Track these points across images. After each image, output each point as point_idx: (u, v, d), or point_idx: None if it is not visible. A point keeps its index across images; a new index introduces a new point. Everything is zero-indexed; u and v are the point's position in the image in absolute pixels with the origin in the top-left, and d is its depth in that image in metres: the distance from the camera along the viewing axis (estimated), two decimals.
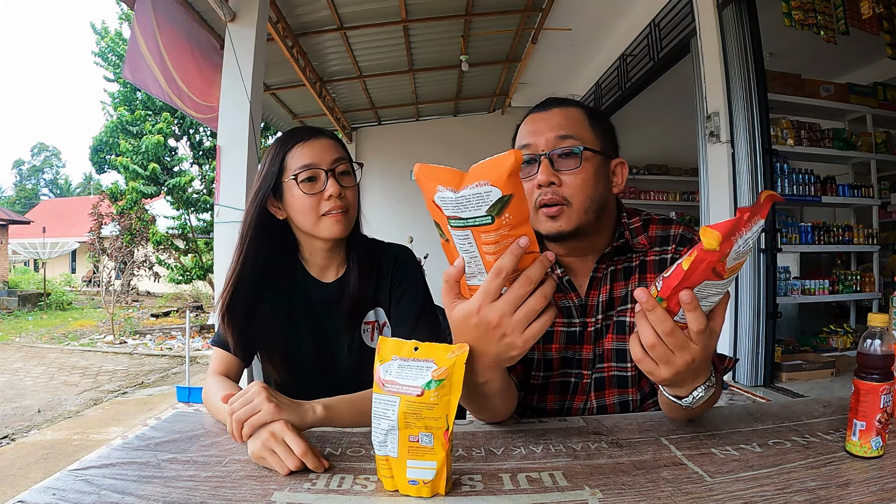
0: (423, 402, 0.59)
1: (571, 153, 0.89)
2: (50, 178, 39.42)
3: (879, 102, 4.26)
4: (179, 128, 10.44)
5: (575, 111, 0.94)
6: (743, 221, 0.54)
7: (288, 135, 1.04)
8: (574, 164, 0.89)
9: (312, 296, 1.08)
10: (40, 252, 15.45)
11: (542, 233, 0.91)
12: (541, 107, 0.96)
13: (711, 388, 0.69)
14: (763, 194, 0.56)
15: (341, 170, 1.01)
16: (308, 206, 0.99)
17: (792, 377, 3.43)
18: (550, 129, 0.91)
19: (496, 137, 7.61)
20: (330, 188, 0.98)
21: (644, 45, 4.80)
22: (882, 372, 0.64)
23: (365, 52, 5.23)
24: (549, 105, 0.95)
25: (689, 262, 0.56)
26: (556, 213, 0.88)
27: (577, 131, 0.90)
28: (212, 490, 0.61)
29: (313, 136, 1.02)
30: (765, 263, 3.41)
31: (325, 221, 0.99)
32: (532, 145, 0.91)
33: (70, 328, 9.17)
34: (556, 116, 0.92)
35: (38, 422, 3.86)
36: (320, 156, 0.99)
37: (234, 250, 1.03)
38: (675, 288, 0.58)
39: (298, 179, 0.98)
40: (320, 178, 0.99)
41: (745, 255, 0.56)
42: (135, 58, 3.28)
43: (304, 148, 1.00)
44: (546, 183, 0.88)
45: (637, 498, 0.58)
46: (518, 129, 0.98)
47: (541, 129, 0.92)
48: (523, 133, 0.95)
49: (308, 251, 1.08)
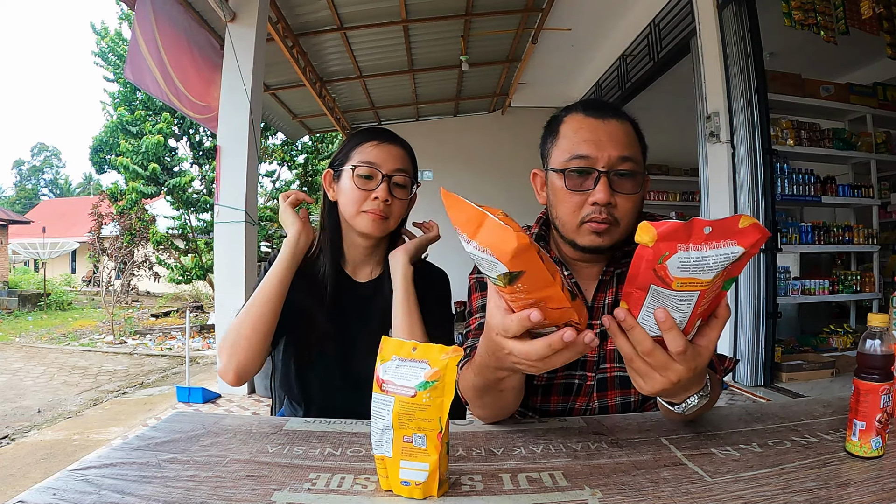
0: (415, 402, 0.59)
1: (632, 175, 0.87)
2: (50, 178, 39.44)
3: (879, 102, 4.26)
4: (180, 128, 10.44)
5: (630, 128, 0.90)
6: (698, 232, 0.49)
7: (367, 131, 1.08)
8: (632, 189, 0.87)
9: (344, 292, 1.09)
10: (40, 252, 15.45)
11: (579, 244, 0.90)
12: (595, 111, 0.90)
13: (705, 396, 0.69)
14: (743, 220, 0.50)
15: (398, 180, 1.04)
16: (354, 197, 1.02)
17: (792, 377, 3.43)
18: (614, 145, 0.86)
19: (496, 137, 7.64)
20: (380, 191, 1.01)
21: (644, 45, 4.80)
22: (882, 372, 0.64)
23: (365, 52, 5.24)
24: (606, 112, 0.89)
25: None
26: (602, 231, 0.87)
27: (634, 153, 0.88)
28: (212, 490, 0.61)
29: (388, 140, 1.05)
30: (765, 263, 3.41)
31: (363, 216, 1.02)
32: (592, 159, 0.86)
33: (70, 328, 9.17)
34: (618, 131, 0.88)
35: (38, 422, 3.86)
36: (384, 159, 1.03)
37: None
38: (625, 290, 0.57)
39: (355, 172, 1.02)
40: (376, 179, 1.02)
41: (706, 275, 0.51)
42: (135, 58, 3.28)
43: (374, 148, 1.04)
44: (604, 203, 0.85)
45: (637, 498, 0.58)
46: (560, 124, 0.92)
47: (602, 143, 0.86)
48: (580, 140, 0.88)
49: (347, 243, 1.10)
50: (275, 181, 12.42)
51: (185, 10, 3.78)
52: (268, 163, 11.78)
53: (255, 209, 3.58)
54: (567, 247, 0.94)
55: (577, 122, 0.90)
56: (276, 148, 11.63)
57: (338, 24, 4.57)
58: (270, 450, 0.74)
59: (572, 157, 0.87)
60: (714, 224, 0.49)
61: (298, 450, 0.74)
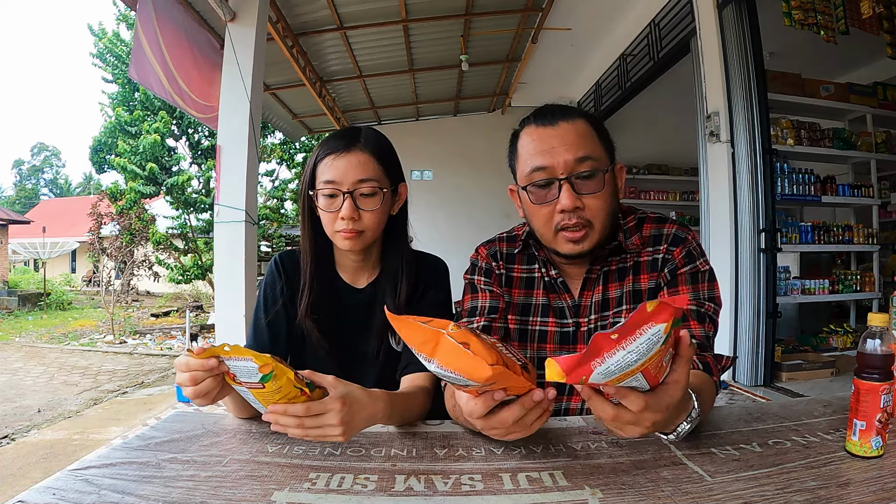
0: (269, 391, 0.66)
1: (593, 174, 0.86)
2: (50, 178, 39.43)
3: (879, 102, 4.25)
4: (178, 127, 10.44)
5: (583, 124, 0.89)
6: (604, 343, 0.51)
7: (326, 141, 1.02)
8: (596, 187, 0.87)
9: (345, 299, 1.09)
10: (40, 252, 15.46)
11: (560, 252, 0.90)
12: (543, 119, 0.90)
13: (696, 419, 0.68)
14: (649, 304, 0.50)
15: (364, 191, 0.98)
16: (326, 219, 1.01)
17: (792, 377, 3.43)
18: (567, 149, 0.86)
19: (496, 137, 7.57)
20: (343, 211, 0.97)
21: (644, 45, 4.80)
22: (882, 372, 0.64)
23: (365, 51, 5.23)
24: (554, 118, 0.89)
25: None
26: (580, 237, 0.87)
27: (592, 150, 0.87)
28: (212, 490, 0.61)
29: (348, 148, 0.99)
30: (765, 263, 3.41)
31: (337, 237, 1.00)
32: (549, 168, 0.87)
33: (70, 328, 9.17)
34: (568, 133, 0.87)
35: (38, 422, 3.86)
36: (344, 174, 0.97)
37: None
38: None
39: (320, 194, 0.99)
40: (338, 198, 0.98)
41: (637, 362, 0.52)
42: (139, 57, 3.28)
43: (333, 162, 0.98)
44: (571, 209, 0.86)
45: (637, 498, 0.58)
46: (518, 140, 0.93)
47: (556, 150, 0.87)
48: (534, 152, 0.89)
49: (339, 254, 1.10)
50: (274, 180, 12.42)
51: (186, 9, 3.77)
52: (267, 162, 11.77)
53: (255, 209, 3.58)
54: (552, 253, 0.95)
55: (529, 134, 0.91)
56: (276, 147, 11.63)
57: (338, 24, 4.56)
58: (270, 449, 0.74)
59: (532, 170, 0.88)
60: (620, 327, 0.50)
61: (298, 449, 0.74)
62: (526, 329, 0.99)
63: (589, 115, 0.93)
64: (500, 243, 1.05)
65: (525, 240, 1.01)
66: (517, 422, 0.63)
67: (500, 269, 1.02)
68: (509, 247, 1.04)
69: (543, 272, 1.00)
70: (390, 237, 1.09)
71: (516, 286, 1.02)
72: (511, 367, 0.59)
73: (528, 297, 1.01)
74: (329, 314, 1.06)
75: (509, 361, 0.59)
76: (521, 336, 0.99)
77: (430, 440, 0.77)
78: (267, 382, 0.65)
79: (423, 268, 1.11)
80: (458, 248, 0.84)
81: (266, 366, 0.65)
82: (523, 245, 1.02)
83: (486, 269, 1.03)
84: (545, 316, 0.99)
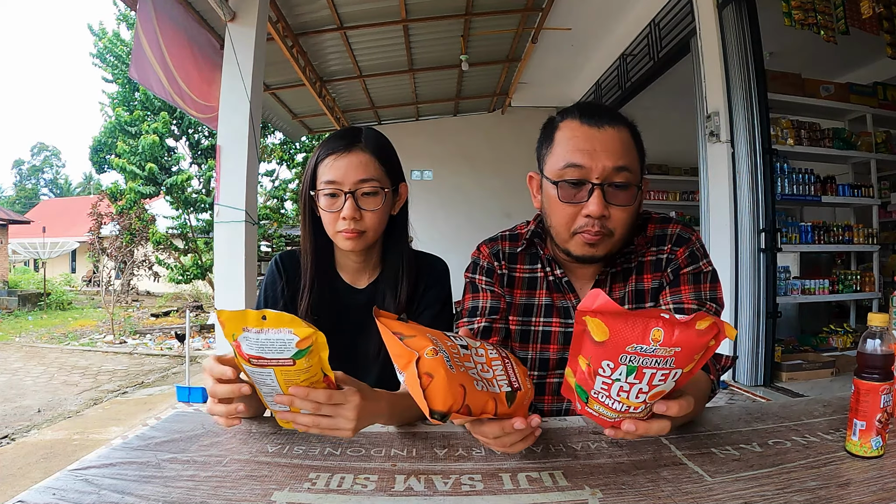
0: (297, 370, 0.64)
1: (627, 187, 0.85)
2: (50, 178, 39.42)
3: (879, 102, 4.25)
4: (178, 127, 10.44)
5: (626, 134, 0.87)
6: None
7: (327, 141, 1.02)
8: (626, 200, 0.85)
9: (345, 299, 1.09)
10: (40, 252, 15.46)
11: (572, 253, 0.89)
12: (591, 118, 0.87)
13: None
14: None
15: (365, 190, 0.98)
16: (328, 219, 1.00)
17: (792, 377, 3.43)
18: (608, 155, 0.84)
19: (496, 137, 7.63)
20: (345, 211, 0.97)
21: (644, 45, 4.80)
22: (882, 372, 0.64)
23: (365, 51, 5.23)
24: (602, 119, 0.86)
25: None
26: (596, 242, 0.86)
27: (630, 162, 0.86)
28: (212, 490, 0.61)
29: (349, 148, 0.99)
30: (765, 263, 3.41)
31: (338, 237, 1.00)
32: (586, 169, 0.84)
33: (70, 328, 9.16)
34: (613, 139, 0.85)
35: (38, 422, 3.86)
36: (345, 174, 0.97)
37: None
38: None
39: (320, 194, 0.99)
40: (340, 198, 0.98)
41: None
42: (139, 58, 3.28)
43: (334, 162, 0.98)
44: (598, 216, 0.84)
45: (637, 498, 0.58)
46: (556, 130, 0.90)
47: (597, 154, 0.84)
48: (573, 148, 0.86)
49: (339, 254, 1.10)
50: (274, 180, 12.43)
51: (186, 9, 3.78)
52: (267, 162, 11.78)
53: (255, 209, 3.58)
54: (561, 252, 0.94)
55: (572, 129, 0.88)
56: (276, 147, 11.64)
57: (338, 24, 4.56)
58: (270, 449, 0.74)
59: (566, 165, 0.86)
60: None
61: (298, 449, 0.74)
62: (528, 330, 0.99)
63: (633, 126, 0.91)
64: (502, 242, 1.03)
65: (529, 238, 1.00)
66: (497, 439, 0.63)
67: (502, 269, 1.01)
68: (512, 246, 1.02)
69: (548, 271, 0.99)
70: (391, 237, 1.09)
71: (518, 287, 1.00)
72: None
73: (530, 297, 1.00)
74: (329, 314, 1.06)
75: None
76: (522, 337, 0.99)
77: (430, 440, 0.77)
78: (300, 359, 0.62)
79: (423, 267, 1.11)
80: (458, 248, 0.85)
81: (307, 339, 0.61)
82: (527, 244, 1.00)
83: (488, 269, 1.01)
84: (549, 316, 0.98)
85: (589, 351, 0.56)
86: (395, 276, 1.07)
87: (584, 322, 0.55)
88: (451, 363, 0.60)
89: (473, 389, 0.60)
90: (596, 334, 0.54)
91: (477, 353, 0.67)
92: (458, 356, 0.63)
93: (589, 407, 0.60)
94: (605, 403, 0.58)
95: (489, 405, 0.60)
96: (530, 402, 0.67)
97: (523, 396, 0.64)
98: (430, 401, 0.57)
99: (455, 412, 0.57)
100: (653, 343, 0.52)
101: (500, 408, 0.61)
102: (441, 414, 0.57)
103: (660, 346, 0.52)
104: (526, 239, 1.00)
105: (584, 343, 0.57)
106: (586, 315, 0.55)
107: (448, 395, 0.57)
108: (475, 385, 0.60)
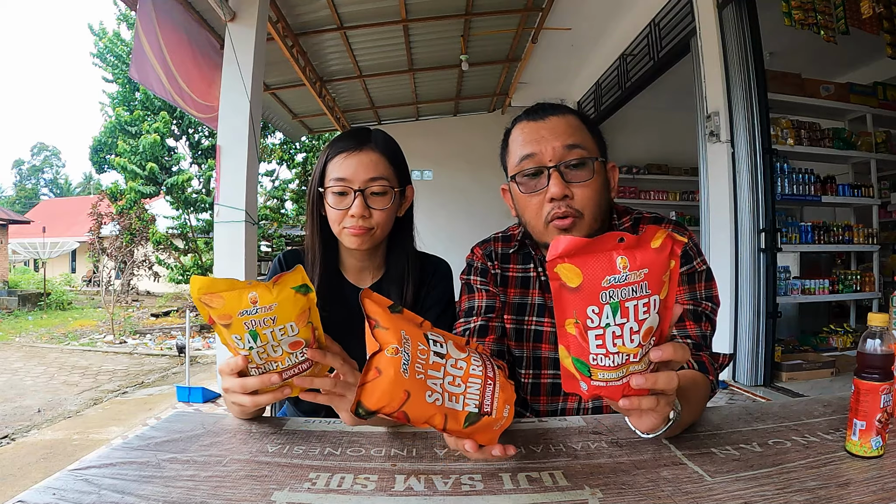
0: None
1: (582, 163, 0.86)
2: (50, 177, 39.44)
3: (879, 102, 4.26)
4: (178, 127, 10.44)
5: (573, 118, 0.90)
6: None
7: (338, 140, 1.03)
8: (586, 176, 0.86)
9: (350, 299, 1.09)
10: (40, 252, 15.47)
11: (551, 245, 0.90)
12: (534, 115, 0.91)
13: (676, 419, 0.66)
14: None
15: (375, 190, 0.99)
16: (334, 216, 1.01)
17: (792, 377, 3.43)
18: (556, 137, 0.86)
19: (496, 137, 7.57)
20: (354, 208, 0.98)
21: (644, 45, 4.80)
22: (882, 372, 0.64)
23: (365, 51, 5.23)
24: (545, 113, 0.90)
25: None
26: (569, 226, 0.86)
27: (582, 140, 0.87)
28: (212, 490, 0.61)
29: (360, 147, 1.00)
30: (765, 263, 3.41)
31: (345, 233, 1.01)
32: (537, 155, 0.86)
33: (70, 328, 9.17)
34: (558, 125, 0.88)
35: (38, 422, 3.86)
36: (355, 172, 0.98)
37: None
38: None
39: (329, 191, 1.00)
40: (349, 195, 0.99)
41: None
42: (139, 58, 3.28)
43: (345, 160, 0.99)
44: (560, 196, 0.85)
45: (637, 498, 0.58)
46: (509, 136, 0.94)
47: (545, 137, 0.87)
48: (522, 141, 0.89)
49: (344, 253, 1.10)
50: (274, 180, 12.44)
51: (186, 9, 3.78)
52: (267, 162, 11.79)
53: (255, 209, 3.58)
54: (544, 249, 0.95)
55: (520, 128, 0.92)
56: (276, 147, 11.64)
57: (338, 24, 4.56)
58: (270, 449, 0.74)
59: (521, 158, 0.88)
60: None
61: (298, 449, 0.74)
62: (522, 328, 0.99)
63: (580, 113, 0.94)
64: (494, 243, 1.05)
65: (521, 239, 1.01)
66: (479, 450, 0.62)
67: (495, 268, 1.02)
68: (504, 246, 1.04)
69: (540, 271, 1.00)
70: (395, 239, 1.09)
71: (511, 286, 1.01)
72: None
73: (523, 296, 1.01)
74: (332, 313, 1.06)
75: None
76: (517, 335, 0.99)
77: (430, 440, 0.77)
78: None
79: (427, 268, 1.12)
80: (458, 248, 0.85)
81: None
82: (519, 244, 1.02)
83: (482, 269, 1.03)
84: (541, 315, 0.99)
85: (571, 304, 0.55)
86: (400, 277, 1.07)
87: (556, 274, 0.55)
88: (408, 367, 0.58)
89: (421, 399, 0.58)
90: (571, 280, 0.54)
91: (455, 364, 0.63)
92: (423, 362, 0.60)
93: (594, 380, 0.57)
94: (606, 365, 0.56)
95: (436, 419, 0.59)
96: (502, 430, 0.63)
97: (490, 423, 0.61)
98: (365, 396, 0.57)
99: (385, 414, 0.57)
100: (623, 270, 0.53)
101: (451, 425, 0.59)
102: (367, 411, 0.57)
103: (629, 271, 0.53)
104: (518, 240, 1.02)
105: (564, 300, 0.55)
106: (556, 264, 0.54)
107: (384, 396, 0.56)
108: (426, 395, 0.59)
